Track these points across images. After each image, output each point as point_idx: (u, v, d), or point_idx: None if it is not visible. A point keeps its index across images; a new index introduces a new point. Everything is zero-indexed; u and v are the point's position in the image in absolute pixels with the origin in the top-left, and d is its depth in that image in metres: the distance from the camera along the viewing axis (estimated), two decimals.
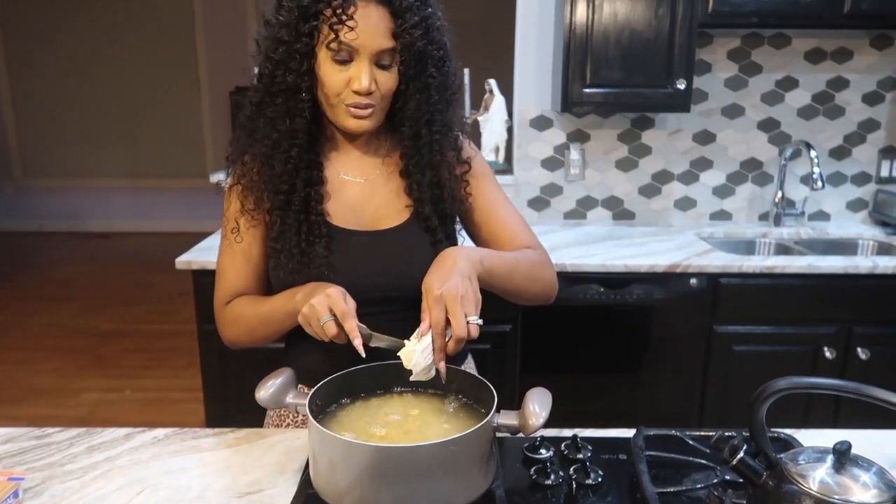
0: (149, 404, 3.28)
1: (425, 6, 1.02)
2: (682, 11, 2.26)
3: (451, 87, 1.10)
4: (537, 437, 1.02)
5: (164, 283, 4.86)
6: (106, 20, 6.36)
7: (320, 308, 0.94)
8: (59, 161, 6.69)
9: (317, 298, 0.95)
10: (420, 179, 1.10)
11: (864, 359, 2.20)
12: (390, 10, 0.99)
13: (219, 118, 6.50)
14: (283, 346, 1.23)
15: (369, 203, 1.13)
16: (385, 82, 1.03)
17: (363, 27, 0.98)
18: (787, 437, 1.04)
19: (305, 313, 0.95)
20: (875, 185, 2.74)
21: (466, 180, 1.15)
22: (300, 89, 1.03)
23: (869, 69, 2.63)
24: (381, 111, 1.07)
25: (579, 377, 2.28)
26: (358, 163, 1.15)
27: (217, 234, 2.50)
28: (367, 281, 1.08)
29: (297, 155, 1.06)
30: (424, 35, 1.01)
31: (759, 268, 2.16)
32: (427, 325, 0.90)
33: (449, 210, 1.14)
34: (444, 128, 1.10)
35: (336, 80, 1.01)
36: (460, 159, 1.15)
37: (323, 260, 1.07)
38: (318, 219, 1.08)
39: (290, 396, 0.93)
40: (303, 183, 1.07)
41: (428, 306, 0.91)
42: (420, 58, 1.02)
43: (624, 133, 2.69)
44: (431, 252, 1.09)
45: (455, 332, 0.89)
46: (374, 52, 1.00)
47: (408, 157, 1.11)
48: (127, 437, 1.08)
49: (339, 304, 0.94)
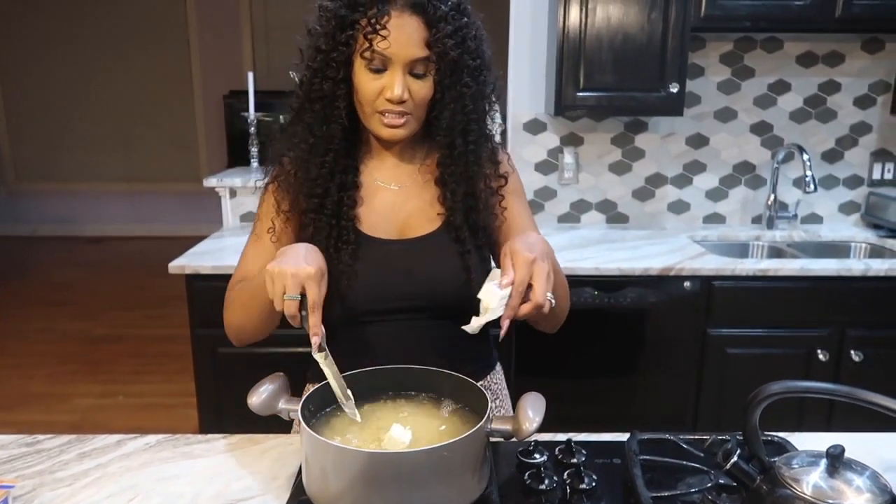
0: (142, 410, 3.26)
1: (461, 16, 1.02)
2: (674, 15, 2.26)
3: (487, 96, 1.09)
4: (531, 442, 1.01)
5: (158, 287, 4.84)
6: (99, 25, 6.34)
7: (291, 283, 0.87)
8: (53, 165, 6.66)
9: (292, 268, 0.88)
10: (455, 189, 1.10)
11: (857, 361, 2.21)
12: (425, 20, 0.99)
13: (212, 122, 6.48)
14: (282, 350, 1.23)
15: (401, 210, 1.13)
16: (419, 91, 1.03)
17: (396, 36, 0.98)
18: (781, 441, 1.04)
19: (272, 272, 0.89)
20: (867, 188, 2.75)
21: (502, 195, 1.15)
22: (337, 96, 1.04)
23: (860, 73, 2.65)
24: (415, 120, 1.07)
25: (573, 380, 2.28)
26: (394, 170, 1.15)
27: (210, 239, 2.50)
28: (390, 289, 1.08)
29: (333, 159, 1.07)
30: (459, 44, 1.01)
31: (752, 270, 2.16)
32: (509, 280, 0.88)
33: (481, 222, 1.14)
34: (480, 138, 1.10)
35: (370, 88, 1.02)
36: (498, 172, 1.15)
37: (346, 267, 1.07)
38: (347, 224, 1.08)
39: (283, 402, 0.92)
40: (337, 187, 1.08)
41: (514, 266, 0.89)
42: (455, 67, 1.02)
43: (617, 137, 2.70)
44: (458, 263, 1.10)
45: (536, 299, 0.88)
46: (407, 61, 1.00)
47: (443, 167, 1.11)
48: (118, 444, 1.08)
49: (314, 291, 0.88)
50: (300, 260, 0.89)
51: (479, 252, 1.13)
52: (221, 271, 2.11)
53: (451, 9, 1.00)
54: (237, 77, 6.12)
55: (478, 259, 1.12)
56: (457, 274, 1.09)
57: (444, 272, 1.09)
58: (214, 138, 6.50)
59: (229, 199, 2.72)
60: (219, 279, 2.10)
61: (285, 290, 0.87)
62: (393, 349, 1.08)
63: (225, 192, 2.71)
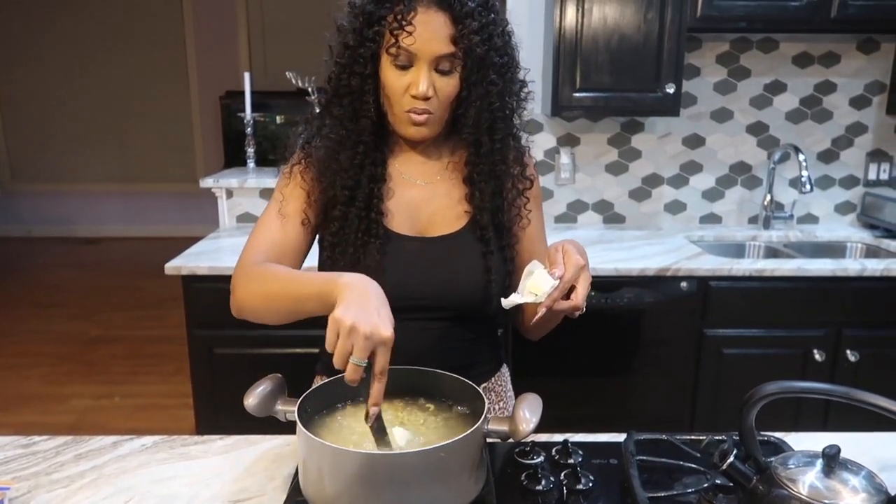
0: (138, 410, 3.25)
1: (488, 12, 1.02)
2: (670, 16, 2.27)
3: (515, 94, 1.10)
4: (528, 443, 1.01)
5: (154, 288, 4.83)
6: (95, 23, 6.33)
7: (364, 346, 0.80)
8: (48, 166, 6.64)
9: (367, 328, 0.79)
10: (483, 188, 1.10)
11: (853, 361, 2.21)
12: (451, 16, 0.99)
13: (209, 123, 6.47)
14: (279, 350, 1.23)
15: (426, 207, 1.13)
16: (444, 88, 1.03)
17: (422, 32, 0.98)
18: (777, 441, 1.04)
19: (343, 325, 0.80)
20: (863, 188, 2.76)
21: (527, 197, 1.16)
22: (365, 91, 1.04)
23: (856, 73, 2.65)
24: (440, 118, 1.07)
25: (570, 381, 2.28)
26: (421, 166, 1.15)
27: (207, 240, 2.49)
28: (411, 288, 1.08)
29: (364, 152, 1.07)
30: (486, 41, 1.01)
31: (748, 271, 2.16)
32: (560, 273, 0.91)
33: (507, 222, 1.14)
34: (507, 136, 1.10)
35: (396, 84, 1.02)
36: (524, 174, 1.15)
37: (374, 262, 1.06)
38: (377, 217, 1.08)
39: (280, 403, 0.92)
40: (367, 179, 1.08)
41: (565, 264, 0.92)
42: (481, 64, 1.02)
43: (614, 137, 2.70)
44: (481, 263, 1.10)
45: (576, 301, 0.93)
46: (432, 57, 1.00)
47: (472, 165, 1.11)
48: (114, 445, 1.07)
49: (384, 357, 0.82)
50: (374, 315, 0.81)
51: (501, 253, 1.13)
52: (218, 272, 2.11)
53: (478, 5, 1.00)
54: (234, 77, 6.12)
55: (500, 260, 1.12)
56: (478, 275, 1.09)
57: (465, 273, 1.09)
58: (211, 139, 6.50)
59: (226, 199, 2.71)
60: (215, 280, 2.11)
61: (352, 351, 0.80)
62: (407, 348, 1.08)
63: (221, 193, 2.71)
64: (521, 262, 1.16)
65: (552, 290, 0.91)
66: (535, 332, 1.15)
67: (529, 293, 0.93)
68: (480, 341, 1.18)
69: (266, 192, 2.69)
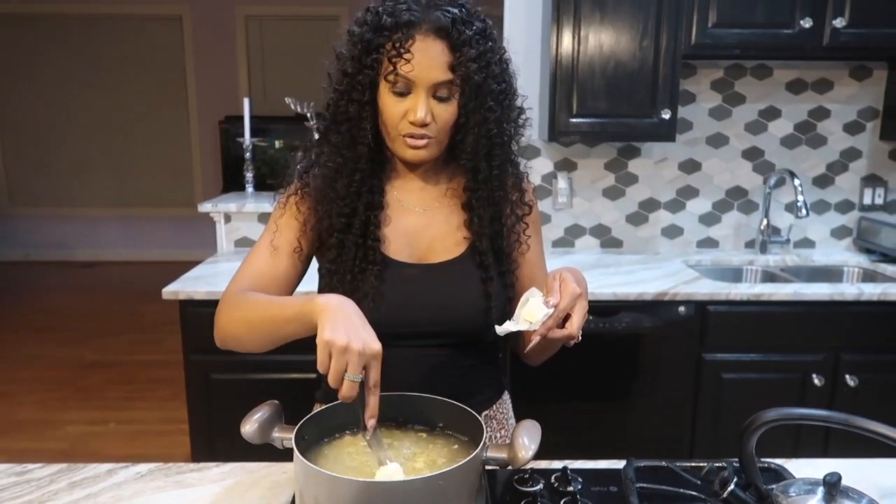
0: (133, 436, 3.22)
1: (486, 40, 1.03)
2: (665, 43, 2.30)
3: (513, 120, 1.11)
4: (527, 470, 1.00)
5: (151, 312, 4.82)
6: (94, 48, 6.39)
7: (357, 362, 0.81)
8: (47, 189, 6.66)
9: (358, 345, 0.81)
10: (482, 214, 1.11)
11: (852, 386, 2.21)
12: (449, 44, 1.00)
13: (208, 147, 6.51)
14: (276, 376, 1.22)
15: (425, 234, 1.14)
16: (442, 114, 1.04)
17: (419, 60, 0.99)
18: (778, 468, 1.04)
19: (334, 345, 0.81)
20: (858, 213, 2.77)
21: (526, 223, 1.16)
22: (362, 118, 1.05)
23: (849, 99, 2.68)
24: (438, 143, 1.07)
25: (568, 405, 2.27)
26: (419, 193, 1.15)
27: (204, 265, 2.49)
28: (410, 315, 1.08)
29: (360, 179, 1.07)
30: (484, 68, 1.02)
31: (746, 295, 2.17)
32: (556, 301, 0.92)
33: (506, 248, 1.14)
34: (504, 162, 1.10)
35: (394, 111, 1.03)
36: (523, 200, 1.16)
37: (372, 289, 1.06)
38: (373, 244, 1.08)
39: (277, 430, 0.91)
40: (364, 206, 1.08)
41: (561, 293, 0.92)
42: (479, 91, 1.03)
43: (610, 162, 2.72)
44: (480, 289, 1.10)
45: (571, 330, 0.93)
46: (430, 84, 1.01)
47: (471, 191, 1.11)
48: (109, 473, 1.06)
49: (377, 370, 0.84)
50: (362, 331, 0.83)
51: (500, 279, 1.13)
52: (215, 297, 2.10)
53: (476, 33, 1.01)
54: (233, 102, 6.18)
55: (500, 286, 1.12)
56: (478, 301, 1.09)
57: (465, 299, 1.09)
58: (209, 163, 6.53)
59: (224, 224, 2.72)
60: (213, 305, 2.08)
61: (346, 368, 0.81)
62: (407, 374, 1.08)
63: (220, 218, 2.71)
64: (520, 288, 1.16)
65: (546, 319, 0.91)
66: (534, 359, 1.15)
67: (524, 321, 0.93)
68: (481, 368, 1.18)
69: (264, 216, 2.69)
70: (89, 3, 6.23)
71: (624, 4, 2.29)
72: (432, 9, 1.00)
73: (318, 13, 6.17)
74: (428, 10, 1.00)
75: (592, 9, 2.29)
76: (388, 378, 1.08)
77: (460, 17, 1.00)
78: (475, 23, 1.02)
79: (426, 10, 1.00)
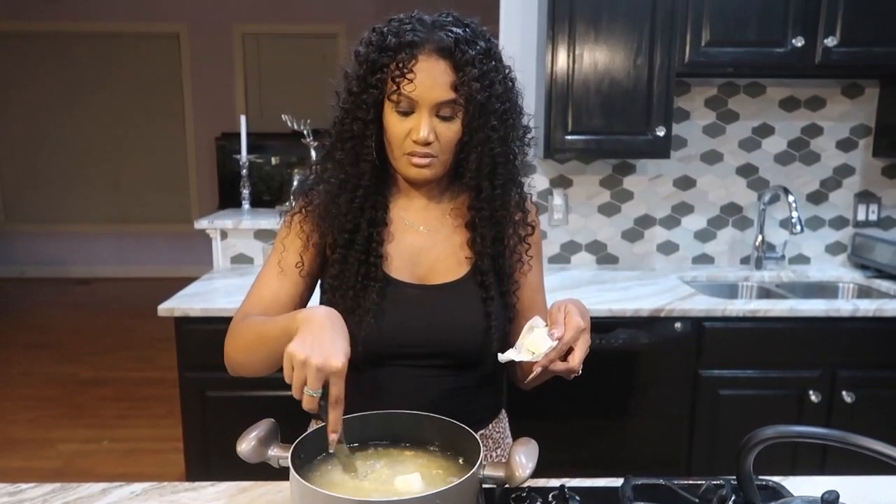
0: (127, 455, 3.19)
1: (490, 59, 1.04)
2: (659, 61, 2.32)
3: (518, 139, 1.11)
4: (525, 489, 1.00)
5: (146, 329, 4.80)
6: (92, 66, 6.42)
7: (316, 378, 0.83)
8: (41, 206, 6.65)
9: (318, 361, 0.83)
10: (484, 234, 1.11)
11: (849, 402, 2.21)
12: (452, 64, 1.01)
13: (204, 164, 6.52)
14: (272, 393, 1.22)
15: (427, 255, 1.14)
16: (445, 133, 1.05)
17: (422, 80, 1.00)
18: (776, 486, 1.03)
19: (295, 358, 0.83)
20: (852, 229, 2.79)
21: (529, 243, 1.16)
22: (366, 136, 1.06)
23: (842, 117, 2.71)
24: (442, 162, 1.08)
25: (565, 422, 2.26)
26: (422, 211, 1.16)
27: (200, 282, 2.48)
28: (409, 335, 1.08)
29: (363, 196, 1.08)
30: (487, 88, 1.02)
31: (742, 311, 2.17)
32: (560, 335, 0.93)
33: (508, 268, 1.15)
34: (507, 182, 1.10)
35: (398, 130, 1.04)
36: (526, 220, 1.16)
37: (373, 305, 1.06)
38: (376, 261, 1.08)
39: (273, 449, 0.91)
40: (367, 223, 1.09)
41: (566, 326, 0.94)
42: (482, 110, 1.03)
43: (606, 179, 2.73)
44: (481, 309, 1.10)
45: (573, 364, 0.94)
46: (433, 103, 1.02)
47: (475, 211, 1.11)
48: (103, 493, 1.05)
49: (338, 386, 0.85)
50: (326, 347, 0.84)
51: (501, 299, 1.13)
52: (211, 314, 2.10)
53: (480, 53, 1.02)
54: (229, 119, 6.19)
55: (500, 306, 1.12)
56: (479, 322, 1.09)
57: (465, 319, 1.09)
58: (206, 180, 6.54)
59: (220, 240, 2.72)
60: (209, 322, 2.10)
61: (306, 382, 0.84)
62: (406, 394, 1.08)
63: (216, 234, 2.71)
64: (521, 308, 1.17)
65: (549, 351, 0.91)
66: (528, 385, 1.15)
67: (527, 351, 0.93)
68: (480, 388, 1.18)
69: (260, 233, 2.69)
70: (87, 21, 6.26)
71: (618, 23, 2.31)
72: (437, 29, 1.01)
73: (315, 31, 6.22)
74: (432, 30, 1.01)
75: (587, 27, 2.32)
76: (387, 396, 1.08)
77: (464, 37, 1.01)
78: (479, 42, 1.03)
79: (430, 31, 1.01)
